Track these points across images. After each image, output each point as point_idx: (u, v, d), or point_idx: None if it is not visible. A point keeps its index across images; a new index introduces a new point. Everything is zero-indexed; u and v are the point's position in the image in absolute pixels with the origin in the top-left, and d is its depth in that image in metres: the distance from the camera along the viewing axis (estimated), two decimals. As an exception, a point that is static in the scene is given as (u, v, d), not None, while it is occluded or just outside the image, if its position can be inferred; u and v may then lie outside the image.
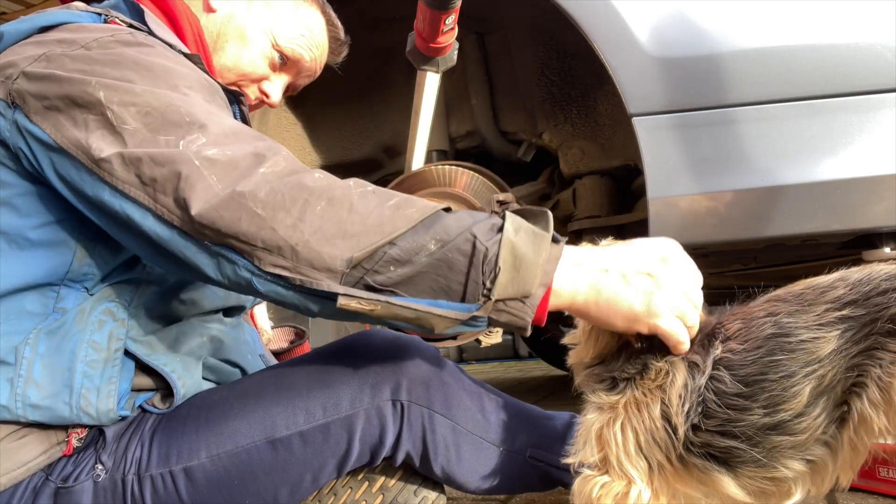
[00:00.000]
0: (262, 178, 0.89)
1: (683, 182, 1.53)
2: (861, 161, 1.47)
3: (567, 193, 2.14)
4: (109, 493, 1.03)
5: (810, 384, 0.87)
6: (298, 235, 0.87)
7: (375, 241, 0.86)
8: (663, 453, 0.95)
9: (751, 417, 0.89)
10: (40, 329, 1.01)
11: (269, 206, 0.87)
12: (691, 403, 0.92)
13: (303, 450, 1.05)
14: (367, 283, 0.87)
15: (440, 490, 1.17)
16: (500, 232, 0.88)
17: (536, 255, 0.88)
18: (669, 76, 1.53)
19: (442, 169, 1.96)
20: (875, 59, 1.46)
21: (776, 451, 0.90)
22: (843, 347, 0.86)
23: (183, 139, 0.92)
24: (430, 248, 0.87)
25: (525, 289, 0.88)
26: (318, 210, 0.88)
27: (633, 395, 0.97)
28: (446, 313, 0.88)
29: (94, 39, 1.01)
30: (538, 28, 2.02)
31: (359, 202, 0.89)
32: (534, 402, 1.29)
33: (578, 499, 0.99)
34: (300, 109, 2.37)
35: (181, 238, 0.92)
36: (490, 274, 0.86)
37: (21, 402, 0.98)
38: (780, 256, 2.15)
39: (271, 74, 1.36)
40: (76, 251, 1.02)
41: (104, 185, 0.93)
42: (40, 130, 0.96)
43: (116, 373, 1.05)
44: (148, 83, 0.97)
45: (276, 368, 1.16)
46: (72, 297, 1.03)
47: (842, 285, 0.89)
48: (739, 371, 0.91)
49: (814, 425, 0.88)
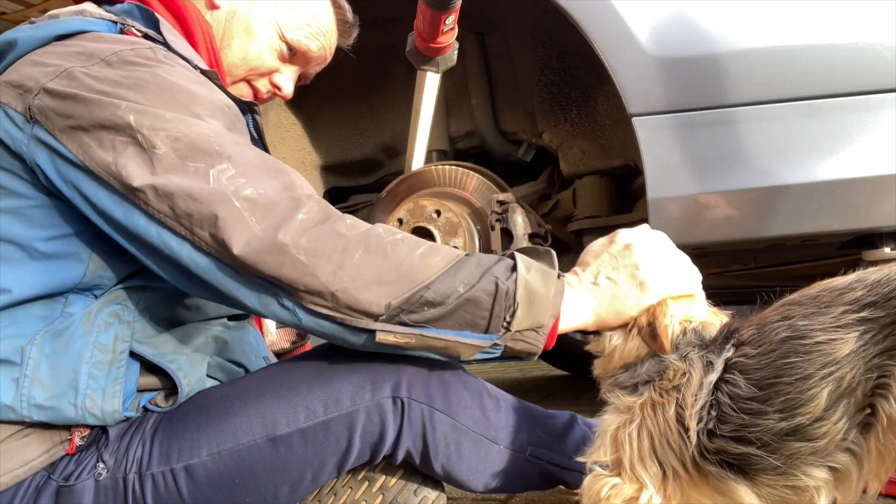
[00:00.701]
0: (300, 225, 0.95)
1: (683, 182, 1.54)
2: (861, 161, 1.47)
3: (567, 193, 2.14)
4: (111, 492, 1.03)
5: (828, 386, 0.85)
6: (339, 282, 0.95)
7: (409, 287, 0.96)
8: (678, 459, 0.94)
9: (767, 422, 0.88)
10: (47, 330, 1.01)
11: (310, 254, 0.94)
12: (704, 403, 0.92)
13: (303, 447, 1.05)
14: (402, 321, 0.97)
15: (440, 489, 1.17)
16: (515, 271, 0.98)
17: (547, 290, 0.99)
18: (669, 76, 1.53)
19: (442, 169, 1.96)
20: (875, 59, 1.46)
21: (795, 458, 0.88)
22: (861, 349, 0.84)
23: (213, 168, 0.96)
24: (460, 290, 0.97)
25: (538, 320, 0.99)
26: (357, 258, 0.96)
27: (650, 397, 0.98)
28: (472, 342, 0.99)
29: (114, 53, 1.01)
30: (538, 28, 2.02)
31: (392, 251, 0.98)
32: (534, 402, 1.29)
33: (587, 497, 1.00)
34: (300, 109, 2.37)
35: (220, 271, 0.97)
36: (510, 309, 0.97)
37: (26, 403, 0.98)
38: (780, 256, 2.15)
39: (281, 66, 1.36)
40: (89, 263, 1.04)
41: (139, 211, 0.96)
42: (66, 149, 0.97)
43: (122, 374, 1.05)
44: (174, 109, 0.99)
45: (277, 366, 1.16)
46: (80, 302, 1.05)
47: (860, 287, 0.88)
48: (754, 374, 0.90)
49: (834, 430, 0.86)
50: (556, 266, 1.04)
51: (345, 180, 2.50)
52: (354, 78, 2.32)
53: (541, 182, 2.24)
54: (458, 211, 1.83)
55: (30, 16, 1.17)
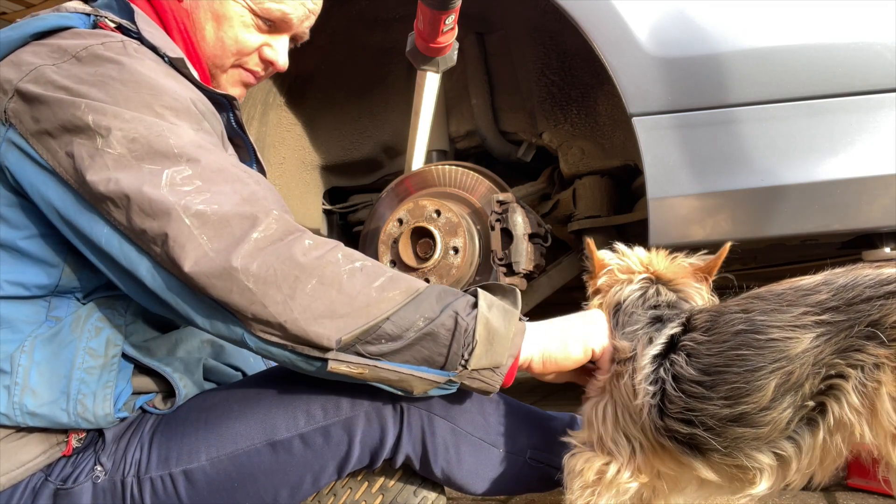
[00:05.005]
0: (254, 245, 0.92)
1: (683, 182, 1.53)
2: (861, 161, 1.47)
3: (567, 193, 2.14)
4: (109, 495, 1.03)
5: (776, 379, 0.87)
6: (288, 313, 0.91)
7: (364, 321, 0.93)
8: (639, 430, 0.98)
9: (710, 407, 0.91)
10: (36, 336, 1.01)
11: (260, 281, 0.91)
12: (647, 375, 0.96)
13: (303, 452, 1.05)
14: (358, 351, 0.94)
15: (440, 490, 1.17)
16: (476, 308, 0.97)
17: (507, 330, 0.98)
18: (669, 76, 1.53)
19: (442, 169, 1.96)
20: (875, 59, 1.46)
21: (740, 442, 0.91)
22: (815, 348, 0.86)
23: (168, 169, 0.93)
24: (420, 324, 0.95)
25: (496, 360, 0.98)
26: (309, 289, 0.92)
27: (615, 369, 1.03)
28: (427, 377, 0.97)
29: (84, 48, 1.00)
30: (538, 28, 2.02)
31: (348, 282, 0.94)
32: (533, 403, 1.29)
33: (567, 474, 1.04)
34: (300, 109, 2.37)
35: (174, 289, 0.95)
36: (468, 346, 0.95)
37: (20, 410, 0.98)
38: (780, 256, 2.15)
39: (268, 39, 1.28)
40: (64, 267, 1.03)
41: (103, 221, 0.95)
42: (35, 153, 0.97)
43: (113, 377, 1.05)
44: (135, 108, 0.97)
45: (277, 370, 1.16)
46: (64, 306, 1.04)
47: (825, 290, 0.89)
48: (702, 360, 0.93)
49: (779, 419, 0.88)
50: (519, 305, 1.03)
51: (345, 180, 2.50)
52: (354, 78, 2.32)
53: (541, 182, 2.23)
54: (458, 211, 1.83)
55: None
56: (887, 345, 0.83)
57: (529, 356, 1.04)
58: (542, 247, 1.88)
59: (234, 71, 1.29)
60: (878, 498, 1.52)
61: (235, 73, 1.29)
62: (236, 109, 1.21)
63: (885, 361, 0.83)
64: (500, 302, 1.01)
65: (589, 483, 1.01)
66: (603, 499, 1.00)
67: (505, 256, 1.79)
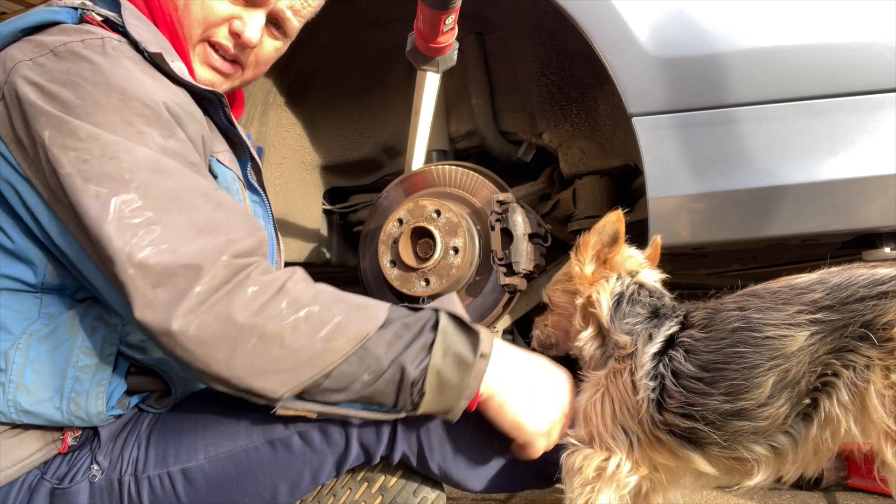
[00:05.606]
0: (195, 300, 0.92)
1: (683, 182, 1.53)
2: (861, 161, 1.47)
3: (567, 193, 2.14)
4: (106, 494, 1.03)
5: (774, 376, 0.89)
6: (231, 371, 0.94)
7: (308, 376, 0.94)
8: (637, 424, 1.00)
9: (711, 402, 0.93)
10: (30, 334, 1.01)
11: (200, 344, 0.92)
12: (648, 370, 0.98)
13: (302, 448, 1.05)
14: (304, 398, 0.97)
15: (440, 489, 1.17)
16: (429, 354, 0.97)
17: (460, 381, 0.99)
18: (669, 76, 1.53)
19: (442, 169, 1.96)
20: (875, 59, 1.45)
21: (739, 435, 0.94)
22: (810, 346, 0.88)
23: (116, 196, 0.92)
24: (364, 378, 0.96)
25: (447, 406, 1.00)
26: (250, 347, 0.93)
27: (612, 366, 1.05)
28: (377, 416, 1.01)
29: (63, 44, 1.00)
30: (538, 28, 2.02)
31: (290, 337, 0.94)
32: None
33: (565, 472, 1.05)
34: (300, 109, 2.37)
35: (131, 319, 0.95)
36: (417, 395, 0.97)
37: (14, 408, 0.99)
38: (780, 256, 2.14)
39: (240, 11, 1.23)
40: (47, 263, 1.03)
41: (69, 233, 0.97)
42: (12, 157, 0.98)
43: (107, 376, 1.05)
44: (103, 112, 0.96)
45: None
46: (57, 303, 1.03)
47: (820, 289, 0.90)
48: (701, 356, 0.95)
49: (776, 414, 0.91)
50: (479, 350, 1.00)
51: (345, 180, 2.50)
52: (354, 78, 2.31)
53: (541, 182, 2.23)
54: (458, 211, 1.83)
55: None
56: (878, 346, 0.85)
57: (488, 396, 1.05)
58: (542, 247, 1.88)
59: (200, 47, 1.24)
60: (877, 498, 1.52)
61: (201, 49, 1.24)
62: (225, 106, 1.20)
63: (876, 361, 0.85)
64: (458, 350, 1.00)
65: (589, 480, 1.02)
66: (603, 494, 1.01)
67: (505, 256, 1.79)
